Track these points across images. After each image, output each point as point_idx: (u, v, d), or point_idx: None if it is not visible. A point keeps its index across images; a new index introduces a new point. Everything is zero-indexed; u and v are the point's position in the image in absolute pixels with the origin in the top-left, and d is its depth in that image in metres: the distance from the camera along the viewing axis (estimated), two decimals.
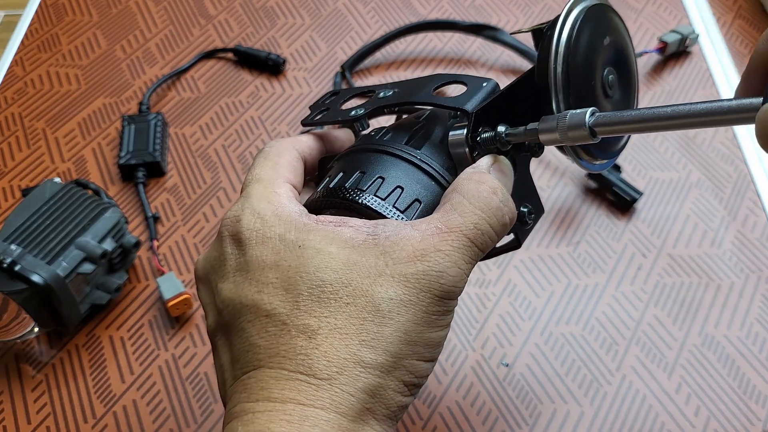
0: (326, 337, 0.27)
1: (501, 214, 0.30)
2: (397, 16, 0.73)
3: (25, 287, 0.45)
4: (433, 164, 0.33)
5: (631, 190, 0.56)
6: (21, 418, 0.47)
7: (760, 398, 0.47)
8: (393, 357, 0.27)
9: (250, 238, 0.30)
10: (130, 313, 0.52)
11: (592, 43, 0.32)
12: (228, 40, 0.70)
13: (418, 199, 0.32)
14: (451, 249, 0.28)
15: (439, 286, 0.28)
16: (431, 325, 0.28)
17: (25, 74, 0.68)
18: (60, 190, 0.51)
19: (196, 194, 0.59)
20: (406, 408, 0.29)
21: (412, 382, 0.28)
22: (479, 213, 0.29)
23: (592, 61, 0.32)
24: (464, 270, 0.29)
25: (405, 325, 0.28)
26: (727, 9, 0.73)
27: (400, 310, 0.28)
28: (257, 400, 0.27)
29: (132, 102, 0.65)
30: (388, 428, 0.28)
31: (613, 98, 0.34)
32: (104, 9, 0.74)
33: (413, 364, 0.28)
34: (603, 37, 0.33)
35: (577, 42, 0.31)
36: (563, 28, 0.31)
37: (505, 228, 0.31)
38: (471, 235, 0.29)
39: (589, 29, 0.32)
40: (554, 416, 0.47)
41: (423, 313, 0.28)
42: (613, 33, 0.34)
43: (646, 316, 0.52)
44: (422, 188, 0.32)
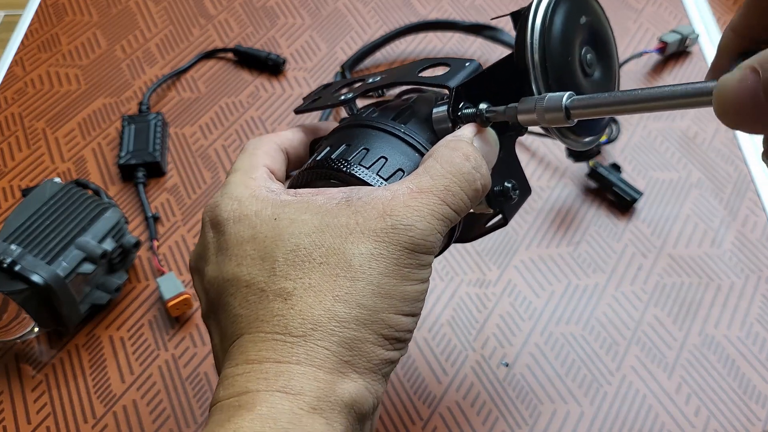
0: (301, 297, 0.28)
1: (472, 179, 0.31)
2: (397, 16, 0.73)
3: (25, 287, 0.45)
4: (418, 138, 0.34)
5: (631, 190, 0.56)
6: (21, 418, 0.47)
7: (760, 398, 0.47)
8: (368, 310, 0.28)
9: (228, 219, 0.31)
10: (130, 313, 0.52)
11: (567, 22, 0.33)
12: (228, 40, 0.70)
13: (401, 169, 0.33)
14: (420, 205, 0.29)
15: (408, 239, 0.29)
16: (405, 278, 0.29)
17: (25, 74, 0.68)
18: (60, 190, 0.51)
19: (196, 194, 0.59)
20: (393, 363, 0.29)
21: (392, 335, 0.29)
22: (450, 177, 0.30)
23: (569, 40, 0.33)
24: (434, 225, 0.29)
25: (377, 278, 0.28)
26: (727, 9, 0.73)
27: (371, 264, 0.28)
28: (237, 364, 0.28)
29: (132, 102, 0.65)
30: (372, 381, 0.28)
31: (592, 77, 0.34)
32: (104, 9, 0.74)
33: (390, 317, 0.28)
34: (578, 17, 0.33)
35: (551, 22, 0.32)
36: (538, 9, 0.32)
37: (477, 194, 0.31)
38: (441, 195, 0.30)
39: (564, 9, 0.33)
40: (554, 416, 0.47)
41: (394, 266, 0.28)
42: (589, 13, 0.34)
43: (646, 316, 0.52)
44: (406, 159, 0.33)
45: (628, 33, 0.70)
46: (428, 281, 0.30)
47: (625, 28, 0.70)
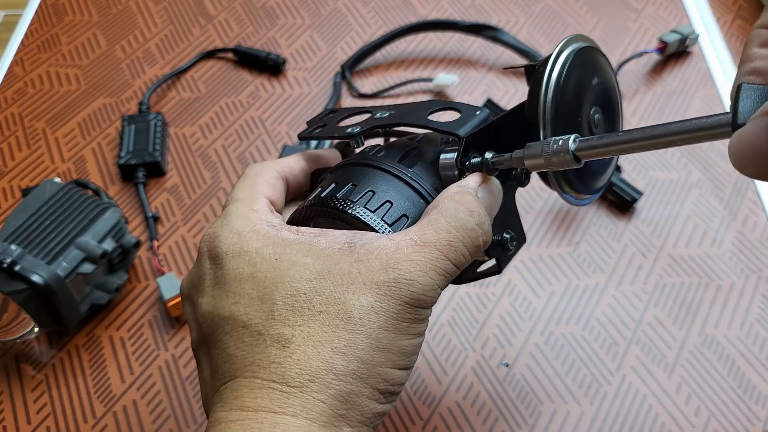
0: (299, 345, 0.28)
1: (475, 235, 0.31)
2: (397, 16, 0.73)
3: (25, 287, 0.45)
4: (423, 183, 0.34)
5: (631, 190, 0.56)
6: (21, 418, 0.47)
7: (760, 398, 0.47)
8: (365, 364, 0.28)
9: (227, 253, 0.31)
10: (130, 313, 0.52)
11: (580, 83, 0.33)
12: (228, 40, 0.70)
13: (405, 215, 0.33)
14: (423, 260, 0.29)
15: (409, 294, 0.28)
16: (403, 333, 0.29)
17: (25, 74, 0.68)
18: (60, 190, 0.51)
19: (196, 194, 0.59)
20: (383, 415, 0.29)
21: (386, 389, 0.29)
22: (454, 232, 0.30)
23: (580, 100, 0.33)
24: (435, 281, 0.29)
25: (376, 332, 0.28)
26: (727, 9, 0.73)
27: (371, 317, 0.28)
28: (231, 410, 0.27)
29: (132, 102, 0.65)
30: None
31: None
32: (104, 9, 0.74)
33: (386, 371, 0.28)
34: (591, 78, 0.34)
35: (567, 81, 0.32)
36: (554, 66, 0.32)
37: (479, 249, 0.31)
38: (444, 250, 0.30)
39: (578, 70, 0.33)
40: (554, 416, 0.47)
41: (394, 320, 0.28)
42: (600, 74, 0.35)
43: (646, 316, 0.52)
44: (411, 205, 0.33)
45: (628, 33, 0.70)
46: (424, 335, 0.30)
47: (625, 28, 0.70)
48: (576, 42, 0.34)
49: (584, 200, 0.35)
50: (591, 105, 0.34)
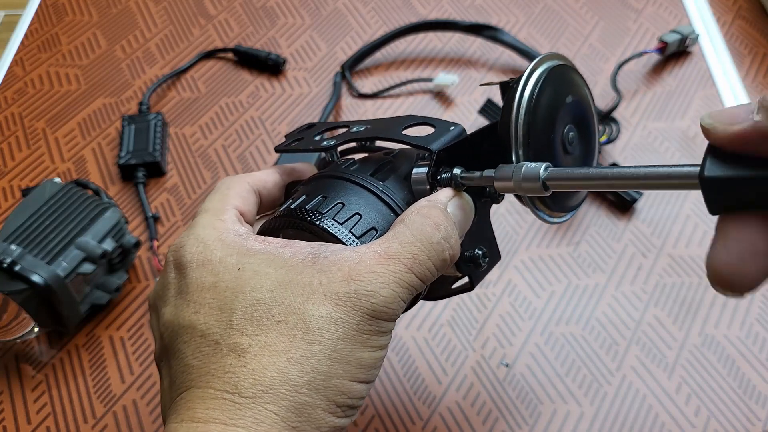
0: (255, 355, 0.27)
1: (441, 249, 0.30)
2: (397, 16, 0.73)
3: (25, 287, 0.45)
4: (395, 197, 0.34)
5: (631, 190, 0.56)
6: (21, 418, 0.47)
7: (760, 398, 0.47)
8: (322, 375, 0.27)
9: (191, 262, 0.31)
10: (130, 313, 0.52)
11: (554, 101, 0.33)
12: (228, 40, 0.71)
13: (375, 228, 0.33)
14: (386, 272, 0.29)
15: (369, 305, 0.28)
16: (363, 345, 0.28)
17: (25, 74, 0.68)
18: (60, 190, 0.51)
19: (196, 194, 0.59)
20: (341, 430, 0.28)
21: (344, 402, 0.28)
22: (419, 245, 0.30)
23: (553, 118, 0.33)
24: (398, 293, 0.29)
25: (335, 342, 0.28)
26: (727, 9, 0.73)
27: (330, 328, 0.28)
28: (182, 421, 0.27)
29: (132, 102, 0.65)
30: None
31: (572, 155, 0.35)
32: (104, 9, 0.74)
33: (344, 383, 0.28)
34: (565, 97, 0.34)
35: (539, 99, 0.32)
36: (527, 84, 0.32)
37: (445, 263, 0.31)
38: (408, 263, 0.29)
39: (552, 88, 0.33)
40: (554, 416, 0.47)
41: (354, 332, 0.28)
42: (575, 92, 0.35)
43: (646, 316, 0.52)
44: (381, 218, 0.33)
45: (628, 33, 0.70)
46: (387, 348, 0.29)
47: (625, 28, 0.71)
48: (550, 60, 0.34)
49: (559, 218, 0.35)
50: (565, 123, 0.34)
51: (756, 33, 0.70)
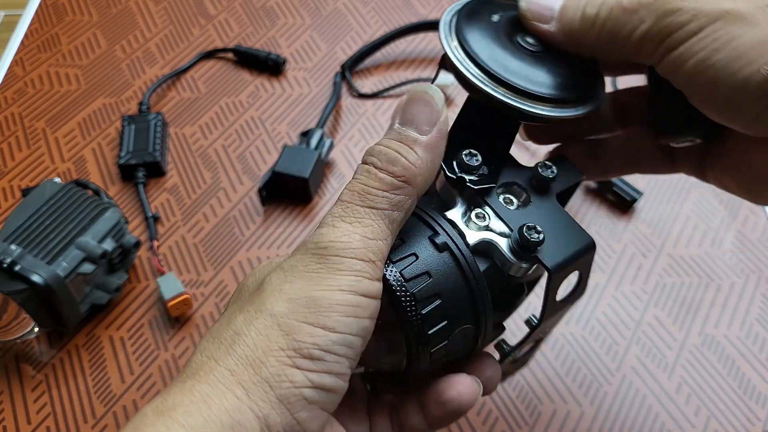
0: (219, 321, 0.28)
1: (372, 170, 0.28)
2: (397, 16, 0.73)
3: (25, 287, 0.45)
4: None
5: (631, 190, 0.56)
6: (21, 418, 0.47)
7: (760, 398, 0.47)
8: (265, 315, 0.26)
9: None
10: (130, 313, 0.52)
11: (481, 31, 0.32)
12: (228, 40, 0.70)
13: (428, 272, 0.29)
14: (330, 216, 0.28)
15: (314, 244, 0.27)
16: (312, 283, 0.26)
17: (25, 74, 0.68)
18: (60, 190, 0.51)
19: (196, 194, 0.59)
20: (299, 390, 0.25)
21: (292, 346, 0.26)
22: (351, 179, 0.29)
23: (495, 40, 0.32)
24: (345, 228, 0.27)
25: (283, 285, 0.27)
26: None
27: (279, 276, 0.27)
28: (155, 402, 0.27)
29: (132, 102, 0.65)
30: (261, 402, 0.25)
31: (542, 50, 0.33)
32: (104, 9, 0.74)
33: (290, 323, 0.26)
34: (489, 18, 0.33)
35: (466, 42, 0.31)
36: (449, 41, 0.32)
37: (383, 181, 0.28)
38: (346, 197, 0.28)
39: (469, 25, 0.32)
40: (554, 416, 0.47)
41: (302, 272, 0.27)
42: (498, 9, 0.33)
43: (646, 316, 0.52)
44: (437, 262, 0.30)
45: None
46: (355, 295, 0.27)
47: None
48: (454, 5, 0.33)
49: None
50: (513, 34, 0.32)
51: None
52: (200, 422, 0.24)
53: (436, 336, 0.29)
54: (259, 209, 0.58)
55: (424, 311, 0.28)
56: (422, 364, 0.30)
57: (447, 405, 0.31)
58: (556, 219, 0.31)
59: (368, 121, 0.64)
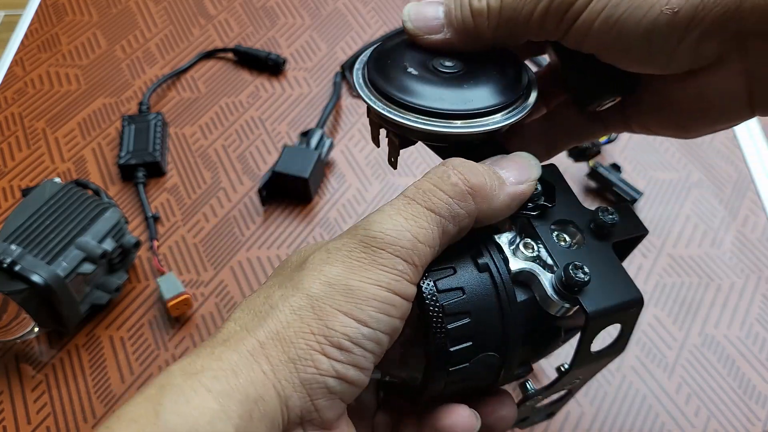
0: (256, 296, 0.28)
1: (445, 174, 0.28)
2: (397, 16, 0.72)
3: (25, 287, 0.45)
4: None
5: (631, 190, 0.56)
6: (21, 418, 0.47)
7: (760, 398, 0.47)
8: (301, 293, 0.26)
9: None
10: (130, 313, 0.52)
11: (391, 65, 0.31)
12: (228, 40, 0.70)
13: (461, 288, 0.28)
14: (389, 205, 0.28)
15: (363, 232, 0.27)
16: (353, 271, 0.26)
17: (25, 74, 0.68)
18: (60, 190, 0.51)
19: (196, 194, 0.59)
20: (322, 378, 0.25)
21: (323, 332, 0.26)
22: (426, 182, 0.28)
23: (393, 70, 0.31)
24: (399, 222, 0.27)
25: (324, 267, 0.27)
26: None
27: (322, 256, 0.27)
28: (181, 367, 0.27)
29: (132, 102, 0.65)
30: (285, 382, 0.25)
31: (456, 70, 0.31)
32: (104, 9, 0.74)
33: (325, 308, 0.26)
34: (405, 66, 0.31)
35: (377, 78, 0.31)
36: (362, 85, 0.32)
37: (456, 188, 0.28)
38: (410, 194, 0.28)
39: (380, 63, 0.32)
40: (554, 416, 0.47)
41: (345, 258, 0.27)
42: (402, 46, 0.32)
43: (646, 316, 0.52)
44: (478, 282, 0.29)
45: None
46: (391, 293, 0.26)
47: None
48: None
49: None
50: (422, 61, 0.31)
51: None
52: (226, 390, 0.24)
53: (457, 355, 0.28)
54: (259, 209, 0.58)
55: (450, 326, 0.27)
56: (438, 382, 0.28)
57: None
58: (607, 266, 0.30)
59: (368, 121, 0.64)
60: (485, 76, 0.31)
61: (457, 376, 0.28)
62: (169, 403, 0.24)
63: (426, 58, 0.31)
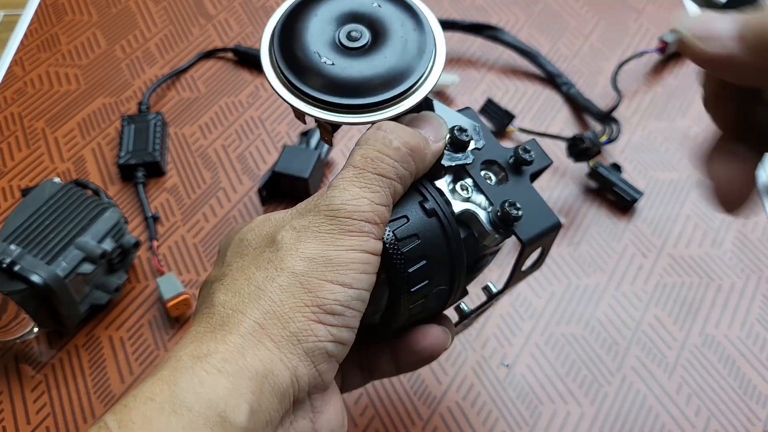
0: (233, 276, 0.30)
1: (386, 139, 0.31)
2: None
3: (25, 287, 0.45)
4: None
5: (631, 190, 0.56)
6: (21, 418, 0.47)
7: (760, 398, 0.47)
8: (288, 274, 0.28)
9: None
10: (129, 313, 0.52)
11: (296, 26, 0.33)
12: (228, 40, 0.70)
13: (416, 234, 0.32)
14: (341, 179, 0.30)
15: (326, 206, 0.29)
16: (328, 244, 0.29)
17: (24, 74, 0.68)
18: (59, 190, 0.51)
19: (195, 194, 0.59)
20: (320, 344, 0.28)
21: (315, 302, 0.28)
22: (363, 146, 0.31)
23: (303, 42, 0.33)
24: (356, 192, 0.30)
25: (299, 245, 0.29)
26: None
27: (293, 236, 0.29)
28: (183, 347, 0.29)
29: (132, 102, 0.65)
30: (290, 355, 0.27)
31: (363, 43, 0.33)
32: (104, 9, 0.74)
33: (312, 281, 0.28)
34: (312, 15, 0.34)
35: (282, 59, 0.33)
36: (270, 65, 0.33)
37: (399, 151, 0.31)
38: (358, 164, 0.30)
39: (290, 22, 0.33)
40: (554, 416, 0.47)
41: (316, 233, 0.29)
42: (321, 7, 0.34)
43: (647, 316, 0.51)
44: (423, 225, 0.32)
45: (629, 33, 0.70)
46: (365, 253, 0.29)
47: (625, 28, 0.70)
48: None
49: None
50: (333, 29, 0.33)
51: None
52: (237, 369, 0.26)
53: (417, 293, 0.32)
54: (259, 209, 0.58)
55: (411, 270, 0.31)
56: (402, 317, 0.33)
57: (420, 353, 0.34)
58: (530, 198, 0.34)
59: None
60: (388, 53, 0.33)
61: (415, 309, 0.33)
62: (183, 383, 0.25)
63: (332, 28, 0.33)
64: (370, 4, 0.34)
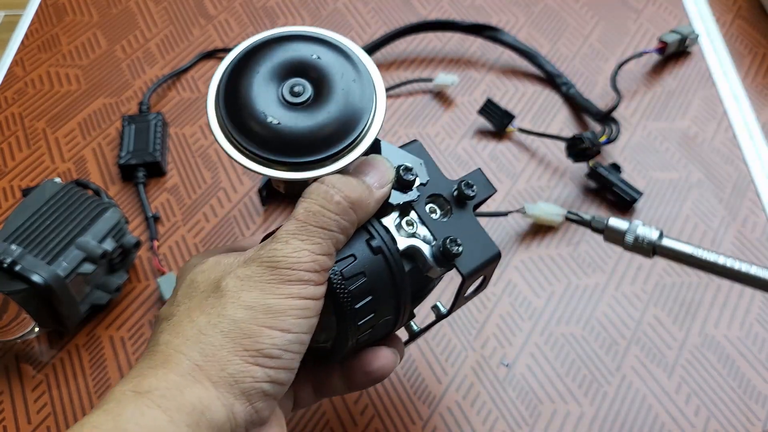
0: (179, 318, 0.32)
1: (326, 192, 0.33)
2: (397, 16, 0.73)
3: (25, 287, 0.45)
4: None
5: (631, 190, 0.56)
6: (21, 418, 0.47)
7: (760, 398, 0.47)
8: (229, 320, 0.30)
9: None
10: (130, 313, 0.52)
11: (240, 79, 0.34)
12: (228, 40, 0.71)
13: (363, 272, 0.34)
14: (284, 232, 0.32)
15: (268, 258, 0.31)
16: (267, 293, 0.31)
17: (25, 74, 0.68)
18: (60, 190, 0.51)
19: (196, 194, 0.59)
20: (257, 384, 0.30)
21: (253, 347, 0.30)
22: (306, 200, 0.33)
23: (247, 98, 0.34)
24: (297, 245, 0.31)
25: (242, 294, 0.31)
26: (727, 9, 0.73)
27: (236, 284, 0.31)
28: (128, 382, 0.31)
29: (132, 102, 0.65)
30: (227, 394, 0.29)
31: (306, 97, 0.35)
32: (104, 9, 0.74)
33: (251, 328, 0.30)
34: (255, 72, 0.35)
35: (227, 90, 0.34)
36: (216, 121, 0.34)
37: (339, 205, 0.32)
38: (301, 217, 0.32)
39: (238, 72, 0.35)
40: (554, 416, 0.47)
41: (257, 282, 0.31)
42: (263, 63, 0.35)
43: (646, 316, 0.52)
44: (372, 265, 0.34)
45: (628, 33, 0.70)
46: (304, 300, 0.31)
47: (625, 28, 0.71)
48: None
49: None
50: (276, 83, 0.34)
51: (756, 33, 0.71)
52: (175, 405, 0.28)
53: (365, 325, 0.34)
54: (259, 209, 0.58)
55: (357, 306, 0.33)
56: (351, 346, 0.35)
57: (371, 375, 0.37)
58: (471, 231, 0.36)
59: None
60: (331, 108, 0.34)
61: (363, 338, 0.35)
62: (127, 414, 0.28)
63: (275, 83, 0.35)
64: (310, 56, 0.35)
